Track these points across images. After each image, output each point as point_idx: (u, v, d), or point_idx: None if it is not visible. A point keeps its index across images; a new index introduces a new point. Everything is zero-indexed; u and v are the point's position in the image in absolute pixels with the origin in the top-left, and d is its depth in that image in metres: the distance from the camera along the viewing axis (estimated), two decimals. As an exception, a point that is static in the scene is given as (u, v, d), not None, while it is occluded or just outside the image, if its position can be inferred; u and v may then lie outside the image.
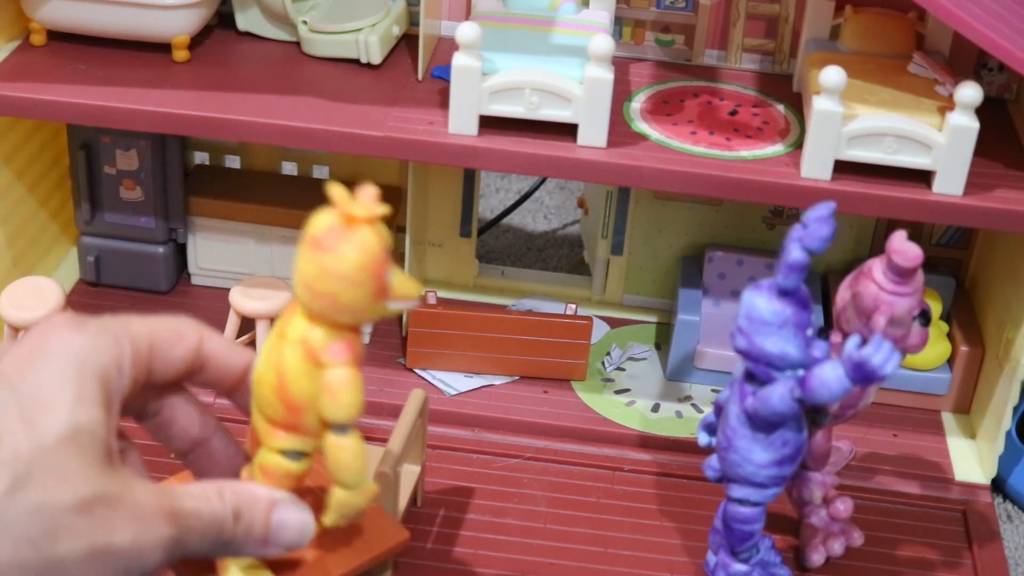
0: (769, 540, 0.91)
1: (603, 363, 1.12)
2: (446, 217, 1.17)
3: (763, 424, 0.82)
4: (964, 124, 0.90)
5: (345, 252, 0.64)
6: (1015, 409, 1.01)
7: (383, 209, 0.65)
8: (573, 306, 1.10)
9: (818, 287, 1.13)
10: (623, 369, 1.12)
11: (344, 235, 0.64)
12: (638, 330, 1.17)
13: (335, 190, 0.64)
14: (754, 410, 0.82)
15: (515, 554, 0.94)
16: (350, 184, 0.65)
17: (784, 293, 0.79)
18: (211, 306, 1.13)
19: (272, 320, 1.04)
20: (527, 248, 1.30)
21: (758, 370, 0.81)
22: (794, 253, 0.77)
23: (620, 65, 1.05)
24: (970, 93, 0.89)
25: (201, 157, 1.19)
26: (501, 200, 1.36)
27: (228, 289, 1.06)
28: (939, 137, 0.90)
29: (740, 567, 0.89)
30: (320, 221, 0.65)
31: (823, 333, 0.81)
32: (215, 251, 1.16)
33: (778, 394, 0.80)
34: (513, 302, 1.18)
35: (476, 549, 0.94)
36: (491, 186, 1.39)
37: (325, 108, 0.97)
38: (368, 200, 0.65)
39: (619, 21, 1.07)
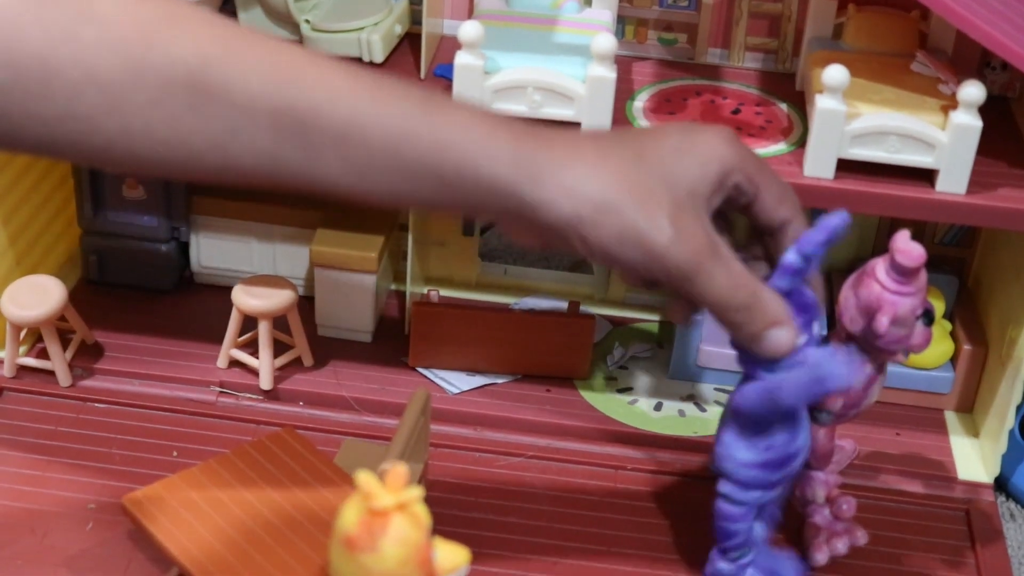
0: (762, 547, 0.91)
1: (606, 361, 1.12)
2: (449, 216, 1.17)
3: (748, 422, 0.82)
4: (967, 123, 0.90)
5: (385, 549, 0.62)
6: (1018, 408, 1.00)
7: (415, 492, 0.63)
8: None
9: (823, 286, 1.12)
10: (626, 368, 1.12)
11: (379, 529, 0.62)
12: (641, 328, 1.16)
13: (363, 479, 0.62)
14: (736, 407, 0.82)
15: (518, 552, 0.94)
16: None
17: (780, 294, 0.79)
18: (214, 304, 1.13)
19: (274, 318, 1.04)
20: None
21: (749, 368, 0.81)
22: (788, 255, 0.78)
23: (623, 64, 1.05)
24: (973, 92, 0.89)
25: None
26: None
27: (231, 288, 1.06)
28: (942, 136, 0.90)
29: (724, 566, 0.89)
30: (351, 515, 0.63)
31: (826, 339, 0.81)
32: (218, 250, 1.16)
33: (755, 392, 0.80)
34: (516, 300, 1.18)
35: (479, 547, 0.94)
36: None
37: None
38: (398, 484, 0.63)
39: (621, 20, 1.07)
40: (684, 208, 0.74)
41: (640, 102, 1.01)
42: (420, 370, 1.10)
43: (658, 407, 1.08)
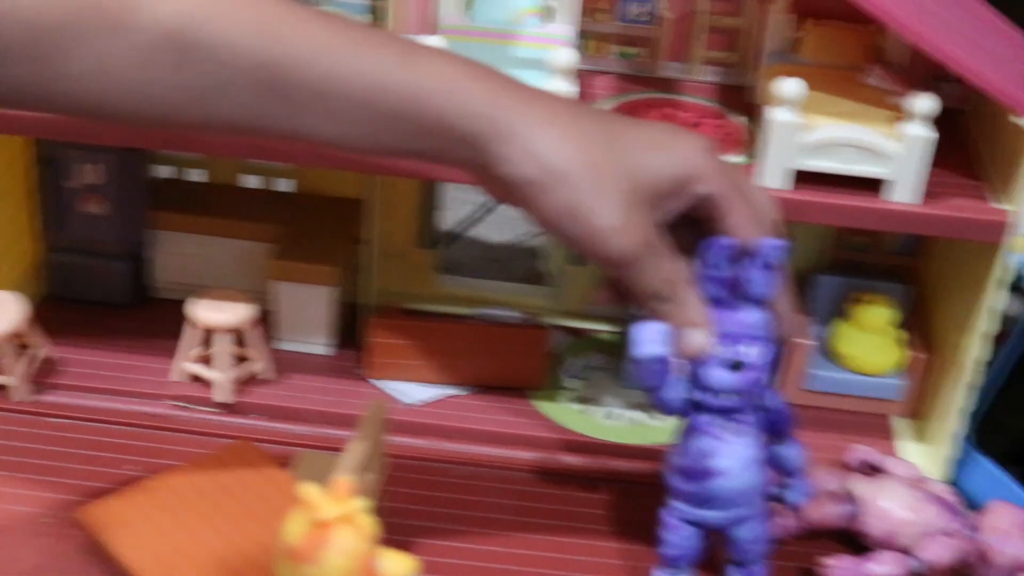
0: None
1: (562, 372, 1.12)
2: (407, 229, 1.17)
3: (678, 431, 0.83)
4: (920, 134, 0.91)
5: (328, 560, 0.61)
6: (964, 413, 1.02)
7: (360, 503, 0.63)
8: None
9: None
10: (582, 378, 1.12)
11: (322, 541, 0.61)
12: (596, 339, 1.17)
13: (305, 491, 0.62)
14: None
15: (475, 561, 0.94)
16: (314, 197, 0.64)
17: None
18: (173, 319, 1.12)
19: (232, 332, 1.04)
20: (489, 259, 1.30)
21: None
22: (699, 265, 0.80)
23: (583, 77, 1.06)
24: (926, 104, 0.90)
25: (166, 171, 1.19)
26: (466, 212, 1.36)
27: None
28: (895, 147, 0.91)
29: (656, 574, 0.89)
30: (295, 527, 0.63)
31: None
32: (178, 264, 1.16)
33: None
34: (473, 312, 1.18)
35: (436, 557, 0.94)
36: (456, 199, 1.39)
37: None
38: (342, 495, 0.62)
39: (583, 34, 1.07)
40: (637, 199, 0.75)
41: (597, 115, 1.01)
42: (377, 382, 1.10)
43: (612, 416, 1.08)
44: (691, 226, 0.80)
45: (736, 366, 0.80)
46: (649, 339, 0.78)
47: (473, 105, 0.73)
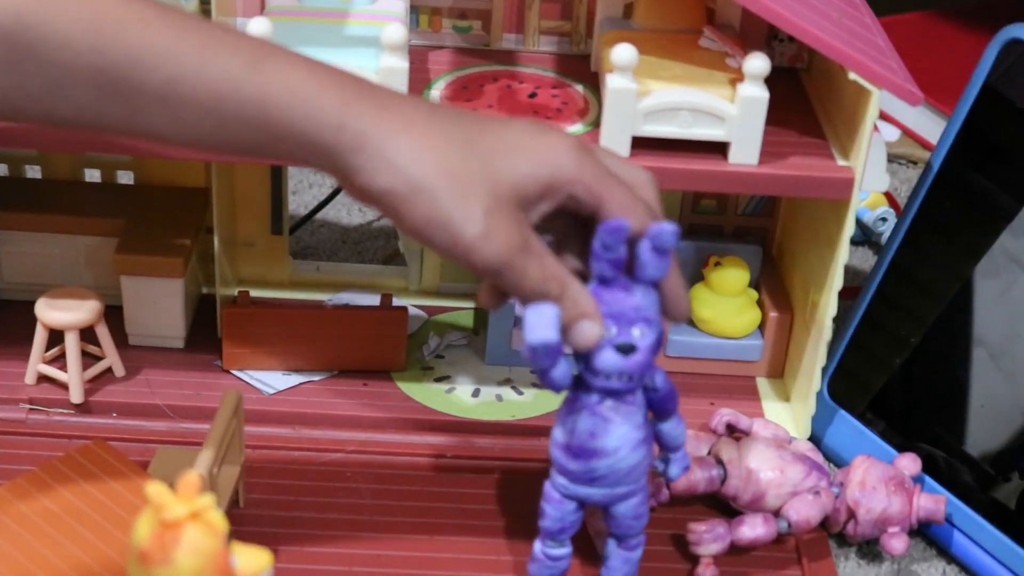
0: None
1: (422, 352, 1.12)
2: (256, 216, 1.16)
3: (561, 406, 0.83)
4: (754, 95, 0.92)
5: (179, 561, 0.60)
6: (824, 370, 1.03)
7: (207, 500, 0.62)
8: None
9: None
10: (442, 357, 1.12)
11: (172, 541, 0.61)
12: (455, 317, 1.17)
13: (152, 490, 0.61)
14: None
15: (341, 548, 0.94)
16: (157, 188, 0.63)
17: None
18: (22, 320, 1.09)
19: (81, 330, 1.02)
20: (343, 242, 1.29)
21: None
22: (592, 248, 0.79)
23: (419, 53, 1.05)
24: (758, 64, 0.91)
25: (0, 169, 1.16)
26: (315, 195, 1.35)
27: (36, 302, 1.04)
28: (731, 108, 0.92)
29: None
30: (143, 529, 0.62)
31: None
32: (21, 264, 1.13)
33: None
34: (330, 297, 1.17)
35: (301, 546, 0.94)
36: (304, 182, 1.38)
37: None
38: (188, 492, 0.62)
39: (415, 10, 1.06)
40: (501, 204, 0.73)
41: (437, 91, 1.01)
42: (235, 373, 1.08)
43: (476, 393, 1.08)
44: (576, 216, 0.78)
45: (626, 349, 0.79)
46: (542, 323, 0.75)
47: (323, 114, 0.72)
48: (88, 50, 0.69)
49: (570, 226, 0.79)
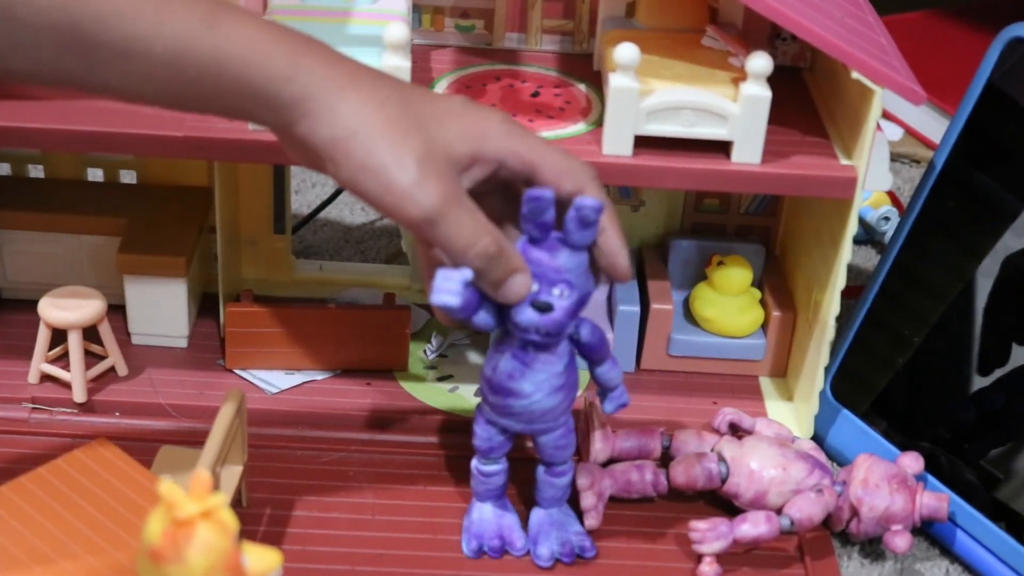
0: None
1: (424, 351, 1.12)
2: (259, 215, 1.16)
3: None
4: (757, 94, 0.92)
5: (191, 559, 0.61)
6: (827, 370, 1.03)
7: (219, 498, 0.62)
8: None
9: (633, 262, 1.14)
10: (445, 356, 1.12)
11: (184, 539, 0.61)
12: (458, 316, 1.16)
13: (165, 489, 0.61)
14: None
15: (344, 547, 0.94)
16: (160, 188, 0.63)
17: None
18: (25, 320, 1.10)
19: (84, 329, 1.02)
20: (345, 241, 1.29)
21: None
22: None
23: (421, 52, 1.05)
24: (761, 63, 0.91)
25: (3, 168, 1.16)
26: (318, 194, 1.35)
27: (39, 301, 1.04)
28: (734, 108, 0.92)
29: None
30: (155, 527, 0.62)
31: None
32: (24, 264, 1.13)
33: None
34: (332, 296, 1.17)
35: (304, 545, 0.94)
36: (307, 181, 1.38)
37: (123, 112, 0.95)
38: (201, 491, 0.62)
39: (417, 9, 1.07)
40: (435, 158, 0.76)
41: (440, 90, 1.01)
42: (238, 372, 1.08)
43: (478, 393, 1.08)
44: (509, 193, 0.82)
45: (543, 308, 0.82)
46: (446, 288, 0.79)
47: (273, 68, 0.75)
48: (50, 7, 0.71)
49: (505, 204, 0.83)
